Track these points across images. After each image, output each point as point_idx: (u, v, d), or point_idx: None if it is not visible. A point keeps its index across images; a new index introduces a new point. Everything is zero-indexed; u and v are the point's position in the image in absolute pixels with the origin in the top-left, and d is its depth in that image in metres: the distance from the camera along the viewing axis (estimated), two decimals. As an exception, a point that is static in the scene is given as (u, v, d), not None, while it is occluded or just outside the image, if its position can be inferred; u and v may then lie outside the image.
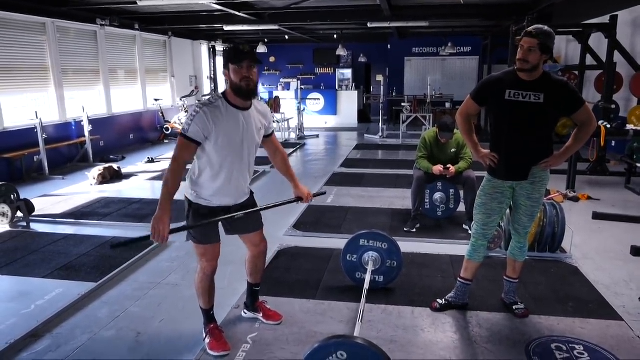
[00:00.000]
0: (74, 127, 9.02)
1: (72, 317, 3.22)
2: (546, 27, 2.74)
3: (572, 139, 2.93)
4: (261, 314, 3.11)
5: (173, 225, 2.45)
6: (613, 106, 7.56)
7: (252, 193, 2.93)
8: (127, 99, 10.99)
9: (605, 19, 7.59)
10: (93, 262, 4.11)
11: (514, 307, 3.20)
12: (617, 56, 7.42)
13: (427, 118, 11.51)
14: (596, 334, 2.95)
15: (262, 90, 17.84)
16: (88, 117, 8.76)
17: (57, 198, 6.35)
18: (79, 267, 4.02)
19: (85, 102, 9.19)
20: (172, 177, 2.45)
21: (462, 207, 5.04)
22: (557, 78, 2.83)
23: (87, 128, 8.74)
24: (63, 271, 3.95)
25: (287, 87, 16.97)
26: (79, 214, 5.58)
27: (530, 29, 2.75)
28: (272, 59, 18.11)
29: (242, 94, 2.48)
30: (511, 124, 2.87)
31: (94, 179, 7.09)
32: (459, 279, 3.27)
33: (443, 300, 3.26)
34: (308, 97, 14.61)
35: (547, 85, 2.77)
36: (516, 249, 3.17)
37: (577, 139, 2.93)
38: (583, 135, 2.91)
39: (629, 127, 6.45)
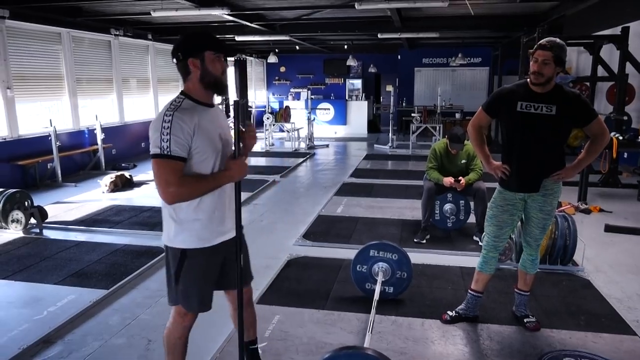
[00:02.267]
0: (86, 135, 9.14)
1: (84, 323, 3.25)
2: (558, 40, 2.74)
3: (585, 152, 2.93)
4: None
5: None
6: (625, 118, 7.52)
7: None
8: (140, 107, 11.12)
9: (617, 30, 7.58)
10: (104, 269, 4.15)
11: (525, 320, 3.18)
12: (629, 67, 7.39)
13: (437, 129, 11.50)
14: (609, 348, 2.92)
15: (273, 100, 17.97)
16: (101, 126, 8.87)
17: (70, 205, 6.42)
18: (90, 274, 4.05)
19: (98, 111, 9.32)
20: (193, 189, 1.99)
21: (472, 219, 5.02)
22: (570, 90, 2.83)
23: (99, 136, 8.85)
24: (75, 278, 3.99)
25: (297, 96, 17.07)
26: (90, 221, 5.64)
27: (543, 41, 2.75)
28: (282, 69, 18.25)
29: (222, 89, 2.08)
30: (523, 135, 2.85)
31: (106, 186, 7.16)
32: (469, 291, 3.24)
33: (453, 312, 3.25)
34: (318, 107, 14.68)
35: (559, 97, 2.77)
36: (527, 262, 3.15)
37: (589, 151, 2.92)
38: (596, 147, 2.91)
39: (642, 139, 6.41)
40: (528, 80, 2.81)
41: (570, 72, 10.98)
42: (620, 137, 6.33)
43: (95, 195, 7.03)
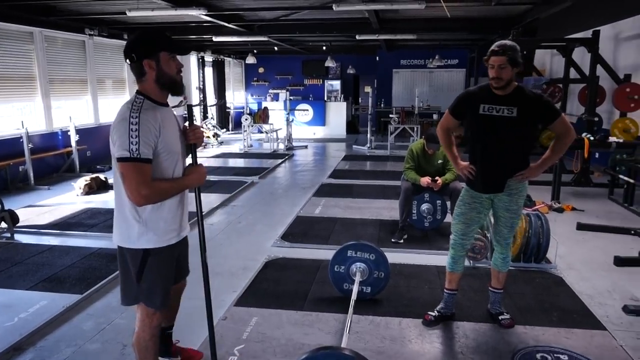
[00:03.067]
0: (60, 137, 8.95)
1: (57, 329, 3.18)
2: (509, 42, 2.78)
3: (550, 150, 2.97)
4: (179, 358, 2.71)
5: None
6: (596, 119, 7.72)
7: None
8: (115, 108, 10.88)
9: (588, 33, 7.77)
10: (79, 274, 4.07)
11: (500, 318, 3.23)
12: (600, 70, 7.58)
13: (415, 129, 11.61)
14: (581, 343, 2.98)
15: (251, 101, 17.90)
16: (75, 127, 8.71)
17: (43, 209, 6.28)
18: (64, 279, 3.97)
19: (73, 112, 9.15)
20: (162, 192, 2.04)
21: (449, 218, 5.08)
22: (531, 91, 2.87)
23: (73, 138, 8.68)
24: (48, 283, 3.90)
25: (275, 98, 17.04)
26: (64, 225, 5.52)
27: (494, 47, 2.79)
28: (261, 70, 18.19)
29: (177, 88, 2.09)
30: (486, 137, 2.92)
31: (81, 189, 7.03)
32: (445, 290, 3.29)
33: (435, 312, 3.27)
34: (297, 108, 14.67)
35: (520, 99, 2.81)
36: (499, 260, 3.20)
37: (554, 150, 2.96)
38: (561, 146, 2.95)
39: (612, 139, 6.58)
40: (490, 83, 2.86)
41: (544, 74, 11.21)
42: (592, 138, 6.48)
43: (69, 198, 6.89)
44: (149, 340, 2.26)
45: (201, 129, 2.37)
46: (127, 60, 2.04)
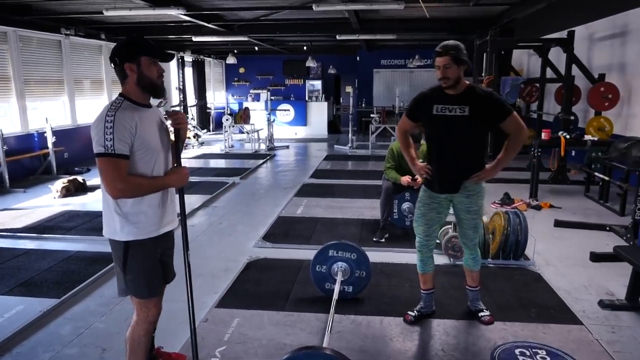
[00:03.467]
0: (36, 139, 8.77)
1: (34, 335, 3.12)
2: (452, 42, 2.83)
3: (504, 150, 2.98)
4: None
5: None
6: (572, 117, 7.87)
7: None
8: (93, 109, 10.76)
9: (563, 34, 7.92)
10: (56, 278, 4.00)
11: (480, 315, 3.27)
12: (575, 70, 7.73)
13: (396, 129, 11.67)
14: (558, 338, 3.04)
15: (232, 101, 17.79)
16: (52, 128, 8.54)
17: (18, 212, 6.15)
18: (40, 283, 3.90)
19: (49, 113, 8.98)
20: (138, 187, 2.12)
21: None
22: (482, 90, 2.90)
23: (50, 139, 8.51)
24: (24, 287, 3.82)
25: (256, 98, 16.96)
26: (41, 228, 5.42)
27: (438, 48, 2.83)
28: (241, 70, 18.11)
29: (157, 91, 2.19)
30: (440, 138, 2.96)
31: (58, 191, 6.91)
32: (422, 291, 3.32)
33: (415, 311, 3.28)
34: (278, 108, 14.64)
35: (471, 97, 2.84)
36: (469, 260, 3.25)
37: (508, 149, 2.97)
38: (514, 145, 2.95)
39: (587, 137, 6.73)
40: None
41: (521, 74, 11.39)
42: (568, 136, 6.61)
43: (46, 201, 6.76)
44: (143, 336, 2.32)
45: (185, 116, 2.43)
46: (112, 64, 2.17)
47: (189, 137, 12.62)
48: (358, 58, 16.22)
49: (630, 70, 7.30)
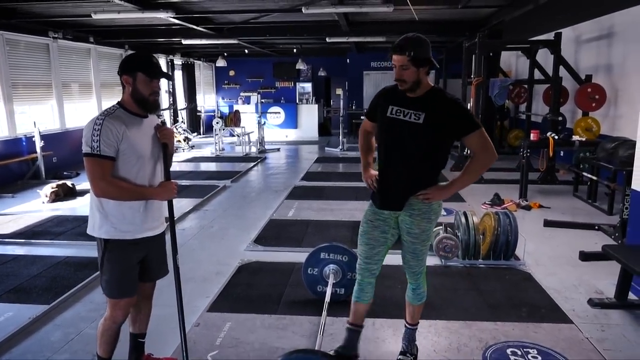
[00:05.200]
0: (24, 143, 8.68)
1: (23, 341, 3.08)
2: (413, 36, 2.38)
3: (463, 171, 2.51)
4: None
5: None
6: (560, 118, 7.95)
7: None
8: (82, 113, 10.69)
9: (551, 35, 8.00)
10: (45, 284, 3.95)
11: (398, 358, 2.78)
12: (563, 71, 7.82)
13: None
14: (548, 337, 3.07)
15: (222, 104, 17.75)
16: (40, 133, 8.46)
17: (7, 217, 6.08)
18: (30, 289, 3.85)
19: (37, 117, 8.89)
20: (120, 190, 2.21)
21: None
22: (447, 96, 2.43)
23: (38, 144, 8.43)
24: (12, 294, 3.77)
25: (247, 100, 16.95)
26: (30, 234, 5.36)
27: (397, 42, 2.38)
28: (231, 73, 18.08)
29: (147, 107, 2.32)
30: (387, 145, 2.51)
31: (47, 196, 6.84)
32: (347, 325, 2.75)
33: (333, 351, 2.73)
34: (268, 110, 14.64)
35: (431, 103, 2.38)
36: (409, 291, 2.75)
37: (468, 171, 2.49)
38: (475, 167, 2.48)
39: (575, 138, 6.81)
40: None
41: (510, 75, 11.49)
42: (556, 137, 6.68)
43: (34, 206, 6.69)
44: (105, 330, 2.43)
45: (173, 130, 2.56)
46: (118, 73, 2.33)
47: (179, 141, 12.58)
48: (348, 60, 16.26)
49: (616, 72, 7.39)
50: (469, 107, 8.90)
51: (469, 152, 2.27)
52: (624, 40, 7.14)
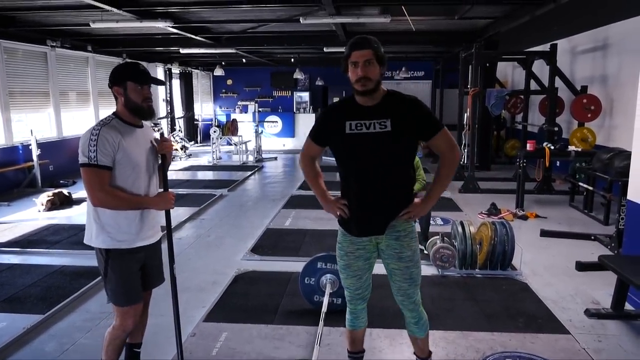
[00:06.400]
0: (21, 151, 8.66)
1: (17, 352, 3.06)
2: (369, 35, 2.22)
3: (435, 180, 2.35)
4: None
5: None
6: (556, 128, 8.00)
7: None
8: (79, 121, 10.68)
9: (547, 47, 8.07)
10: (40, 293, 3.93)
11: None
12: (558, 82, 7.88)
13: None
14: (546, 348, 3.06)
15: (220, 113, 17.78)
16: (37, 141, 8.45)
17: (2, 226, 6.04)
18: (24, 299, 3.83)
19: (34, 125, 8.88)
20: (118, 200, 2.23)
21: (417, 228, 5.15)
22: (404, 95, 2.28)
23: (35, 152, 8.41)
24: (7, 303, 3.75)
25: (244, 109, 16.96)
26: (25, 243, 5.34)
27: (356, 39, 2.20)
28: (229, 82, 18.10)
29: (142, 114, 2.33)
30: (357, 163, 2.26)
31: (43, 205, 6.81)
32: (349, 355, 2.63)
33: None
34: (266, 119, 14.66)
35: (392, 106, 2.21)
36: (411, 324, 2.50)
37: (441, 177, 2.33)
38: (447, 168, 2.32)
39: (571, 148, 6.84)
40: (354, 92, 2.25)
41: (506, 86, 11.57)
42: (552, 147, 6.71)
43: (30, 215, 6.66)
44: (113, 339, 2.43)
45: (172, 143, 2.58)
46: (109, 86, 2.36)
47: (177, 149, 12.58)
48: (345, 70, 16.30)
49: (611, 83, 7.45)
50: (465, 117, 8.98)
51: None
52: (618, 52, 7.20)
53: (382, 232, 2.32)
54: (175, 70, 15.48)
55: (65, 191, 7.32)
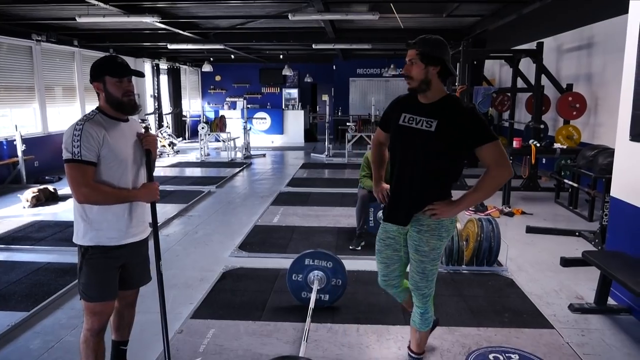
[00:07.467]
0: (5, 147, 8.55)
1: (1, 349, 3.02)
2: (431, 36, 2.30)
3: (475, 187, 2.33)
4: None
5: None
6: (542, 126, 8.07)
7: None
8: (65, 117, 10.56)
9: (533, 45, 8.13)
10: (25, 290, 3.89)
11: None
12: (545, 80, 7.95)
13: (372, 137, 11.78)
14: (530, 342, 3.10)
15: (208, 109, 17.68)
16: (21, 136, 8.34)
17: (-14, 222, 5.97)
18: (9, 296, 3.78)
19: (19, 121, 8.76)
20: (102, 194, 2.17)
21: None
22: (462, 104, 2.33)
23: (20, 147, 8.30)
24: (-9, 301, 3.71)
25: (233, 106, 16.89)
26: (9, 239, 5.27)
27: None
28: (217, 78, 18.03)
29: (124, 109, 2.28)
30: (400, 155, 2.38)
31: (28, 201, 6.73)
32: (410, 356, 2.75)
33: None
34: (254, 116, 14.61)
35: (444, 110, 2.27)
36: (416, 315, 2.57)
37: (479, 187, 2.31)
38: (489, 182, 2.28)
39: (557, 145, 6.91)
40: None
41: (493, 84, 11.65)
42: (538, 144, 6.78)
43: (15, 211, 6.58)
44: (83, 343, 2.34)
45: (156, 137, 2.49)
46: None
47: (164, 146, 12.49)
48: (334, 67, 16.33)
49: (596, 81, 7.54)
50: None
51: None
52: (603, 51, 7.29)
53: (405, 224, 2.42)
54: (163, 65, 15.36)
55: (50, 187, 7.24)
